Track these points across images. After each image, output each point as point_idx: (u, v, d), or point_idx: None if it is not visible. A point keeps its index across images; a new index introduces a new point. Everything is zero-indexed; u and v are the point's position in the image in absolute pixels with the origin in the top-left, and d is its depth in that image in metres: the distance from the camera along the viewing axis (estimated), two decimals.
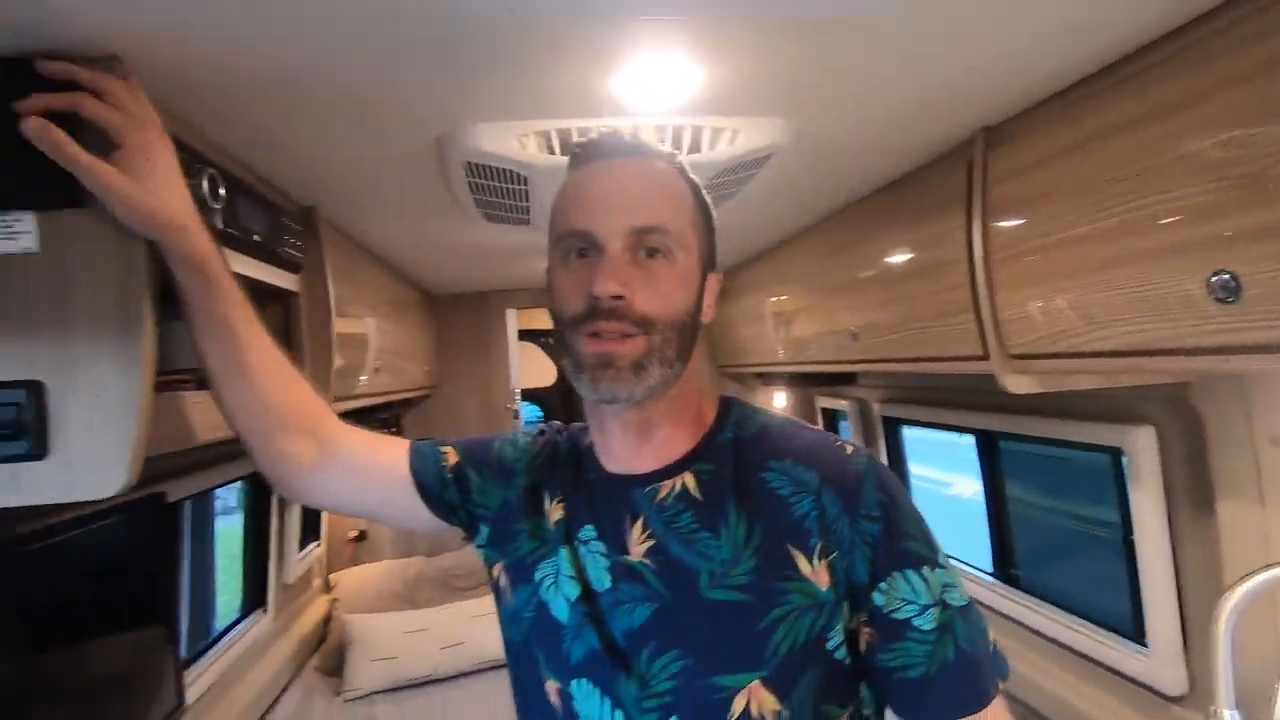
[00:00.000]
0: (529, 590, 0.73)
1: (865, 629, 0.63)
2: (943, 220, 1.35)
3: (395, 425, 3.22)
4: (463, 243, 2.02)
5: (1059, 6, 0.79)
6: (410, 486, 0.82)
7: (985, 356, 1.26)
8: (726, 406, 0.75)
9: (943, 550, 0.66)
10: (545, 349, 4.88)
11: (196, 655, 1.86)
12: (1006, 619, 1.87)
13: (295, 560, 2.59)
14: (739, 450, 0.70)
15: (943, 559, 0.65)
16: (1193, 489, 1.30)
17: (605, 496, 0.72)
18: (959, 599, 0.64)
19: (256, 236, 1.09)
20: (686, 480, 0.69)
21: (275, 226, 1.17)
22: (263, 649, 2.37)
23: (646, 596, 0.65)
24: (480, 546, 0.81)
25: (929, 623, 0.62)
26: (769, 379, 3.21)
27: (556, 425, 0.86)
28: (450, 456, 0.84)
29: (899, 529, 0.64)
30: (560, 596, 0.70)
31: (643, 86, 0.94)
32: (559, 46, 0.82)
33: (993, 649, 0.65)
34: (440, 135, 1.09)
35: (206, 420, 0.92)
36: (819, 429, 0.74)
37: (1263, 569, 0.86)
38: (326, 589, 2.99)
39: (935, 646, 0.62)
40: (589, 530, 0.71)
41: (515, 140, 1.09)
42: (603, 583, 0.68)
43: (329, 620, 2.82)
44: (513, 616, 0.75)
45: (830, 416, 3.22)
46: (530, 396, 4.39)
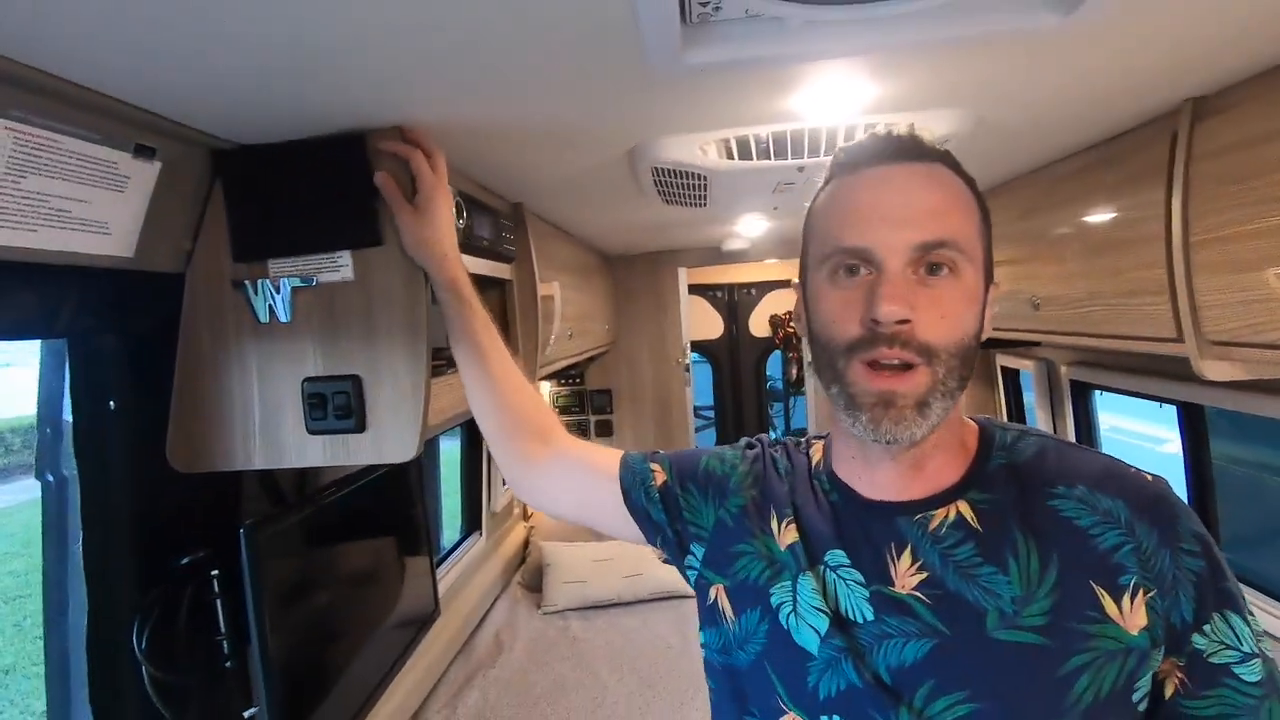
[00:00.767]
0: (761, 615, 0.68)
1: (1178, 674, 0.57)
2: (1140, 194, 1.28)
3: (580, 379, 3.57)
4: (641, 218, 2.18)
5: None
6: (619, 498, 0.82)
7: (1179, 339, 1.21)
8: (985, 430, 0.68)
9: None
10: (712, 302, 5.01)
11: (434, 569, 2.28)
12: None
13: (501, 491, 3.03)
14: (1018, 477, 0.63)
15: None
16: None
17: (859, 522, 0.66)
18: (1268, 649, 0.58)
19: (486, 241, 1.32)
20: (962, 509, 0.63)
21: (497, 228, 1.40)
22: (478, 565, 2.83)
23: (920, 632, 0.59)
24: (693, 568, 0.77)
25: (1253, 674, 0.56)
26: None
27: (766, 439, 0.82)
28: (658, 475, 0.82)
29: (1220, 566, 0.58)
30: (806, 625, 0.64)
31: (819, 101, 1.02)
32: (739, 80, 0.92)
33: None
34: (631, 148, 1.24)
35: (456, 395, 1.17)
36: (1095, 449, 0.67)
37: None
38: (525, 517, 3.45)
39: (1259, 701, 0.56)
40: (838, 555, 0.65)
41: (698, 149, 1.21)
42: (862, 614, 0.62)
43: (527, 544, 3.27)
44: (738, 641, 0.69)
45: (1012, 378, 3.07)
46: (697, 348, 4.57)
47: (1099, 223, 1.47)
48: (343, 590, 1.32)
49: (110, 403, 0.95)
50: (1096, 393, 2.49)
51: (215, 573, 1.05)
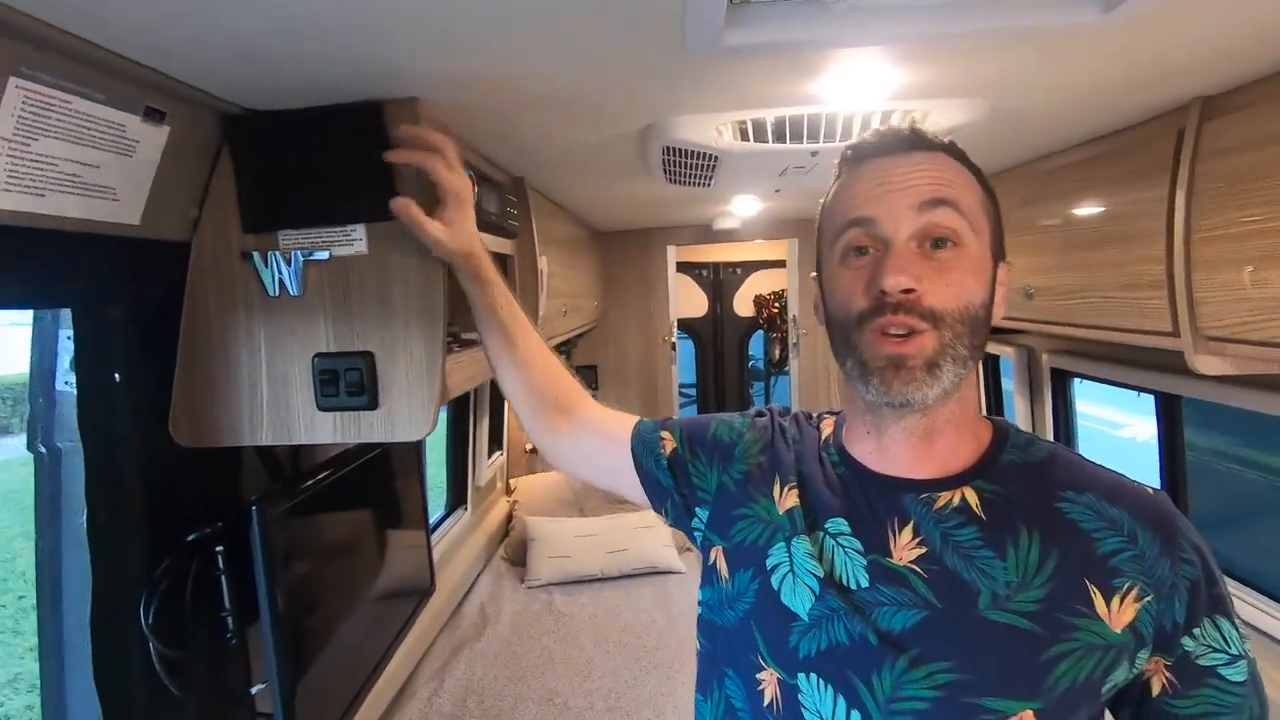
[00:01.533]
0: (753, 575, 0.70)
1: (1165, 673, 0.61)
2: (1143, 189, 1.30)
3: (568, 355, 3.55)
4: (638, 194, 2.16)
5: None
6: (633, 465, 0.86)
7: (1174, 334, 1.24)
8: (1000, 428, 0.71)
9: None
10: (697, 280, 5.01)
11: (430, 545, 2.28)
12: None
13: (485, 466, 3.02)
14: (1029, 476, 0.66)
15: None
16: None
17: (864, 494, 0.69)
18: (1251, 651, 0.62)
19: (493, 217, 1.29)
20: (968, 495, 0.65)
21: (503, 203, 1.38)
22: (463, 539, 2.83)
23: (913, 603, 0.62)
24: (697, 530, 0.80)
25: (1239, 675, 0.60)
26: None
27: (776, 408, 0.85)
28: (668, 444, 0.85)
29: (1214, 574, 0.61)
30: (800, 586, 0.67)
31: (841, 87, 1.01)
32: (768, 63, 0.91)
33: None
34: (645, 126, 1.22)
35: (464, 374, 1.16)
36: (1103, 465, 0.69)
37: None
38: (508, 492, 3.45)
39: (1243, 700, 0.60)
40: (840, 523, 0.68)
41: (713, 129, 1.20)
42: (858, 580, 0.65)
43: (510, 518, 3.27)
44: (728, 599, 0.72)
45: (992, 362, 3.13)
46: (682, 326, 4.57)
47: (1098, 215, 1.49)
48: (345, 565, 1.31)
49: (115, 374, 0.92)
50: (1076, 381, 2.55)
51: (220, 548, 1.03)
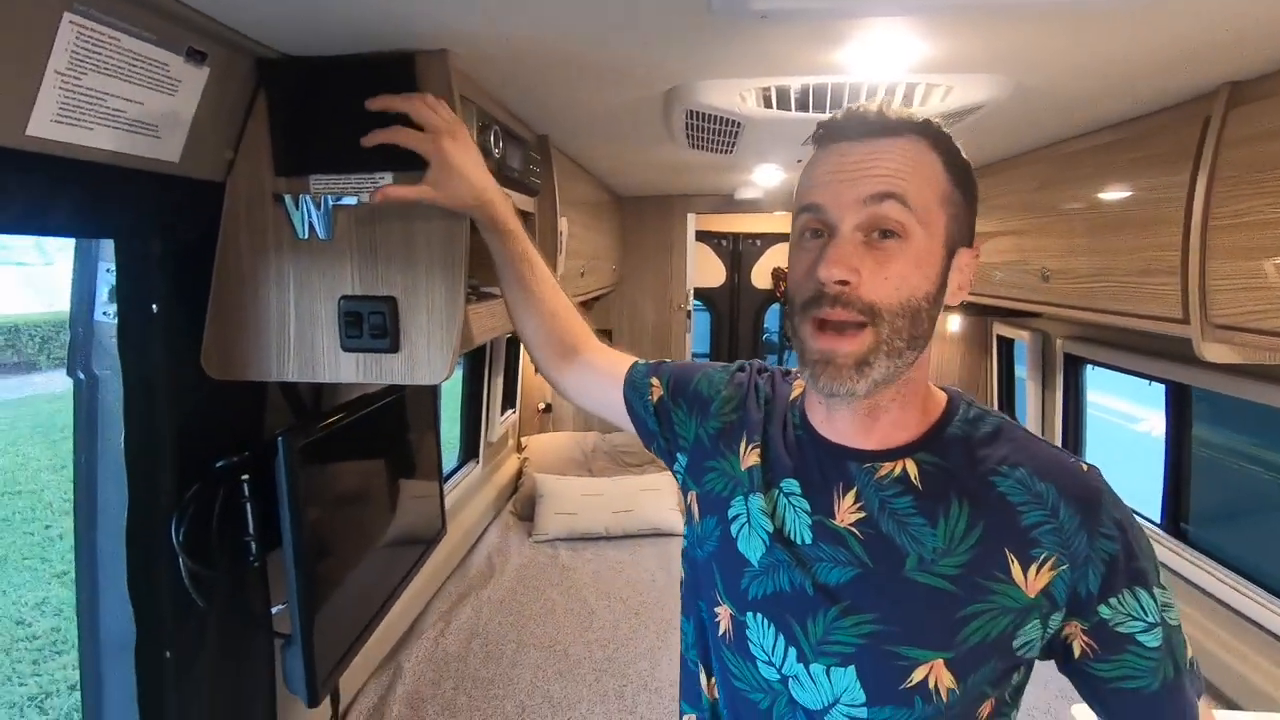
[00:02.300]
0: (717, 522, 0.78)
1: (1084, 638, 0.65)
2: (1164, 175, 1.30)
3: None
4: (660, 159, 2.17)
5: None
6: (623, 403, 0.94)
7: (1184, 321, 1.25)
8: (952, 401, 0.74)
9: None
10: (715, 249, 5.00)
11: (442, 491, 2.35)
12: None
13: (498, 423, 3.09)
14: (969, 449, 0.69)
15: (1162, 578, 0.67)
16: None
17: (816, 459, 0.74)
18: (1174, 618, 0.66)
19: (516, 173, 1.32)
20: (908, 466, 0.69)
21: (526, 160, 1.40)
22: (474, 491, 2.91)
23: (849, 561, 0.68)
24: (677, 473, 0.88)
25: (1154, 640, 0.64)
26: None
27: (756, 364, 0.89)
28: (655, 391, 0.91)
29: (1133, 549, 0.65)
30: (754, 537, 0.74)
31: (866, 56, 1.02)
32: (793, 30, 0.93)
33: (1193, 665, 0.68)
34: (670, 89, 1.23)
35: (484, 325, 1.20)
36: (1049, 441, 0.73)
37: None
38: (519, 449, 3.52)
39: (1157, 664, 0.64)
40: (792, 484, 0.74)
41: (737, 95, 1.21)
42: (803, 537, 0.71)
43: (520, 475, 3.35)
44: (699, 539, 0.80)
45: (1006, 346, 3.13)
46: (698, 295, 4.58)
47: (1117, 200, 1.49)
48: (361, 504, 1.37)
49: (153, 306, 0.96)
50: (1088, 368, 2.55)
51: (245, 477, 1.09)
